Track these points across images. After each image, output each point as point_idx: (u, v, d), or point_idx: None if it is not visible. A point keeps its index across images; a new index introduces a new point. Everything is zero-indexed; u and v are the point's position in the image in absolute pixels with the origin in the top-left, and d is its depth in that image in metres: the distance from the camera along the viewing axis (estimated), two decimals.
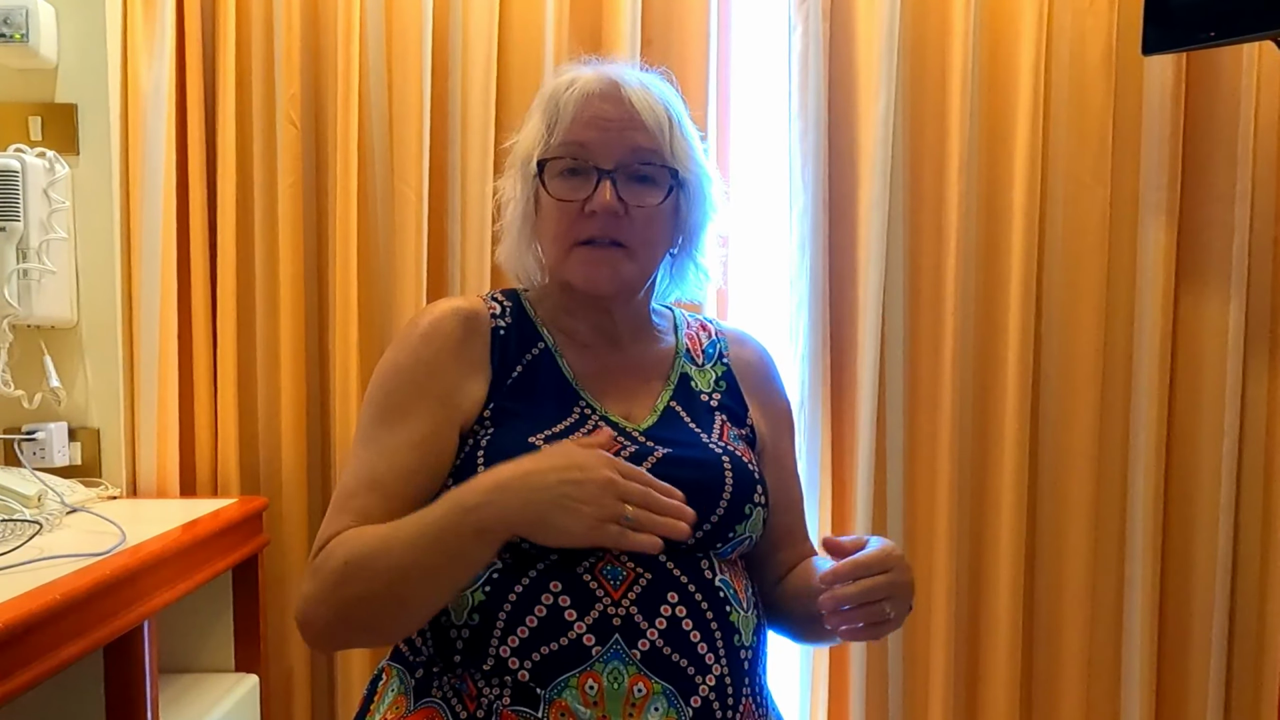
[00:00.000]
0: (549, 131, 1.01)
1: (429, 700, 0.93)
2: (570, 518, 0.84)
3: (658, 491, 0.87)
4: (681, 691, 0.89)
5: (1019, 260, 1.79)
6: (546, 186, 1.01)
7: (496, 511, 0.86)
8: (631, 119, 0.99)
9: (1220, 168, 1.79)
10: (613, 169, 0.98)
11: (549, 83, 1.05)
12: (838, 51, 1.80)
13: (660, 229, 1.03)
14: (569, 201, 0.99)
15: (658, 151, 1.00)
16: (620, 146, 0.99)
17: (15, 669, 1.10)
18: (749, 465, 1.00)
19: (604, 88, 1.00)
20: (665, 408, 1.03)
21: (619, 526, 0.83)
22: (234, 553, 1.69)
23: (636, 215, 0.99)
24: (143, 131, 1.80)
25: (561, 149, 1.00)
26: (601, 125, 0.99)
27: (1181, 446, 1.83)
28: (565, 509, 0.84)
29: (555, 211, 1.01)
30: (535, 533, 0.86)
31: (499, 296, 1.08)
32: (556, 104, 1.01)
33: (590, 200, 0.98)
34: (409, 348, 1.00)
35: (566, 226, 1.00)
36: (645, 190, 1.00)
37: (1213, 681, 1.81)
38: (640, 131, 0.99)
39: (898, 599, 0.89)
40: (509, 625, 0.90)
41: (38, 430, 1.77)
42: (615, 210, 0.98)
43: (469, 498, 0.87)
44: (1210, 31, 1.58)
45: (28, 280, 1.71)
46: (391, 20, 1.82)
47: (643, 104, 0.99)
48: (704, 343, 1.12)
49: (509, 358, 1.01)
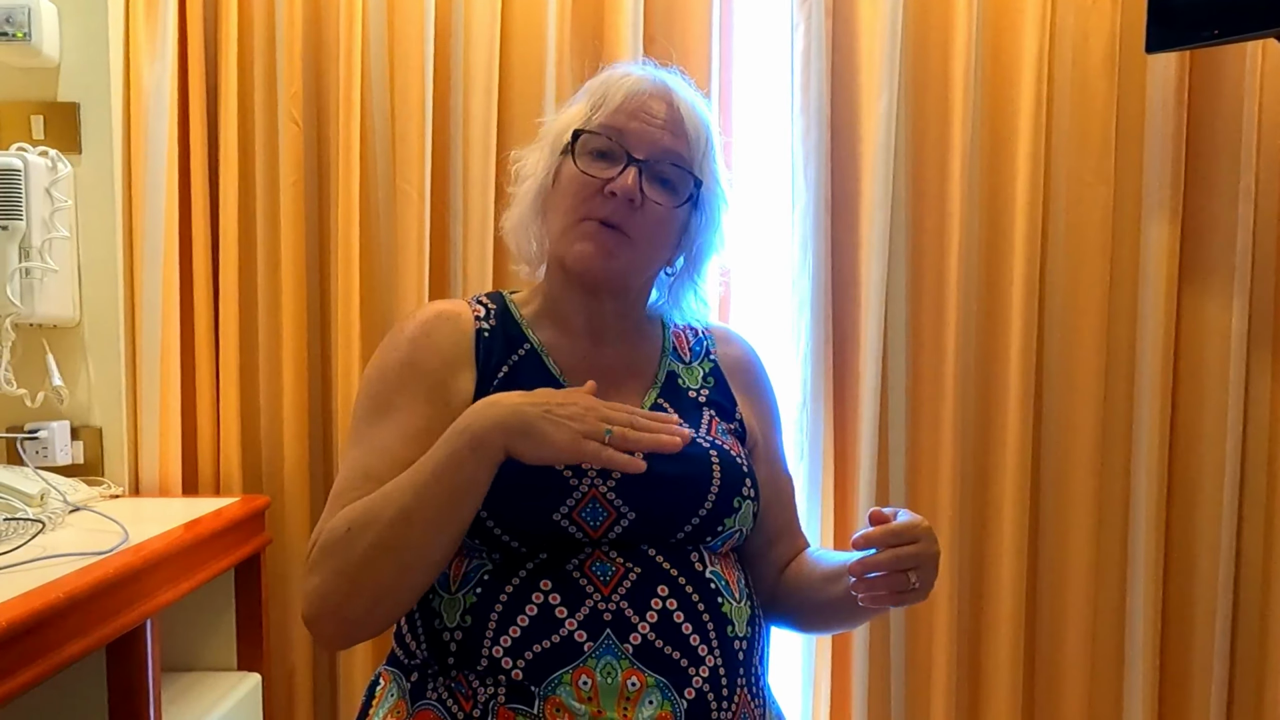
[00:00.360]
0: (592, 110, 1.02)
1: (425, 703, 0.94)
2: (555, 428, 0.85)
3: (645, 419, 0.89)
4: (675, 684, 0.90)
5: (1021, 259, 1.79)
6: (575, 158, 1.01)
7: (487, 422, 0.87)
8: (676, 123, 1.01)
9: (1223, 166, 1.79)
10: (644, 159, 1.00)
11: (604, 71, 1.07)
12: (840, 49, 1.80)
13: (666, 232, 1.04)
14: (592, 177, 1.00)
15: (689, 160, 1.02)
16: (656, 143, 1.00)
17: (18, 667, 1.10)
18: (737, 459, 1.01)
19: (656, 89, 1.03)
20: (652, 405, 1.03)
21: (598, 443, 0.85)
22: (236, 551, 1.69)
23: (649, 210, 1.00)
24: (145, 130, 1.80)
25: (601, 128, 1.01)
26: (646, 119, 1.01)
27: (1184, 446, 1.83)
28: (551, 421, 0.86)
29: (574, 184, 1.01)
30: (521, 442, 0.86)
31: (484, 300, 1.08)
32: (606, 87, 1.03)
33: (614, 181, 0.99)
34: (395, 349, 1.02)
35: (582, 200, 1.00)
36: (665, 192, 1.01)
37: (1215, 680, 1.81)
38: (680, 137, 1.01)
39: (925, 569, 0.89)
40: (501, 625, 0.90)
41: (40, 429, 1.77)
42: (633, 196, 0.98)
43: (460, 422, 0.89)
44: (1214, 30, 1.57)
45: (30, 279, 1.71)
46: (393, 18, 1.82)
47: (689, 113, 1.02)
48: (690, 340, 1.12)
49: (494, 358, 1.01)
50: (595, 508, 0.92)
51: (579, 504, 0.92)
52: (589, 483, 0.93)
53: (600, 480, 0.93)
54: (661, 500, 0.94)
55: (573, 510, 0.92)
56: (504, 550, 0.93)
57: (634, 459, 0.85)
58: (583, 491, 0.92)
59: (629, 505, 0.93)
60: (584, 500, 0.92)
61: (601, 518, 0.92)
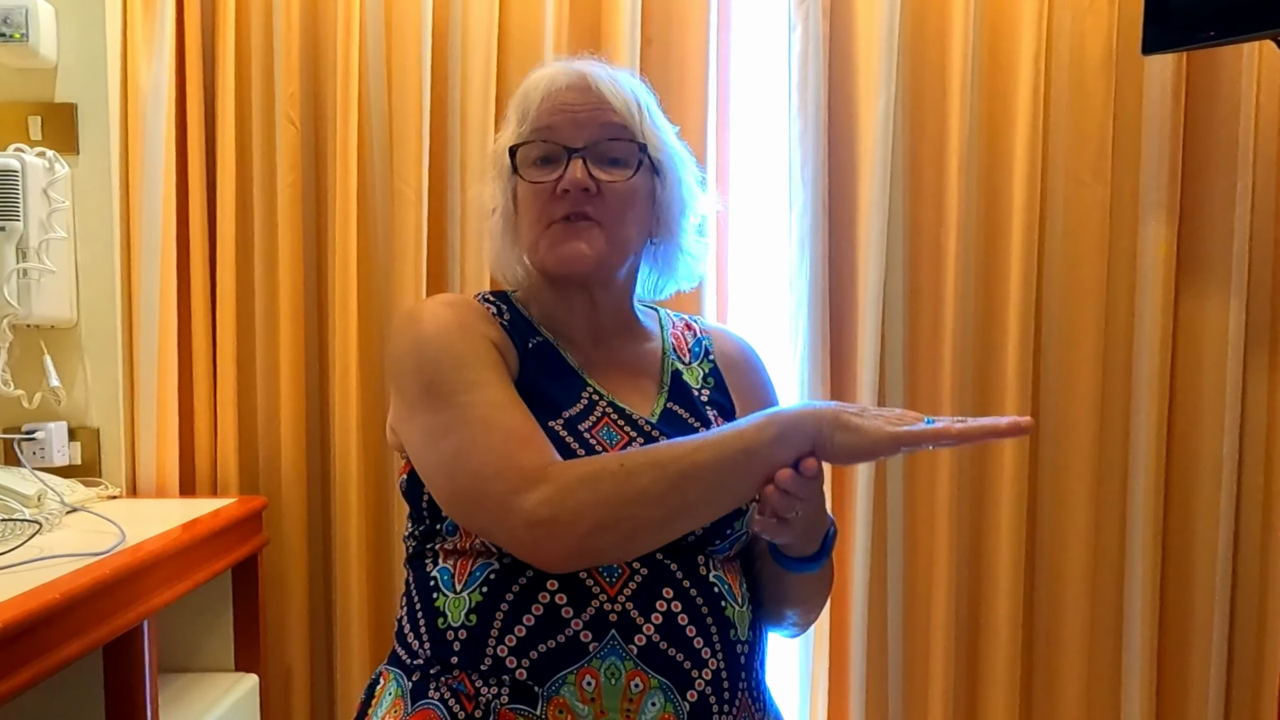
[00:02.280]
0: (520, 123, 1.03)
1: (427, 702, 0.94)
2: (869, 420, 0.83)
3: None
4: (678, 686, 0.90)
5: (1019, 259, 1.79)
6: (520, 173, 1.02)
7: (801, 410, 0.86)
8: (600, 102, 1.00)
9: (1220, 167, 1.79)
10: (582, 147, 0.99)
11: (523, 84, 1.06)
12: (837, 50, 1.80)
13: (634, 208, 1.03)
14: (542, 184, 1.00)
15: (626, 128, 1.01)
16: (588, 126, 1.00)
17: (15, 668, 1.10)
18: None
19: (571, 80, 1.02)
20: (664, 409, 1.03)
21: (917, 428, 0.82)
22: (233, 552, 1.69)
23: (608, 191, 1.00)
24: (142, 131, 1.80)
25: (532, 134, 1.01)
26: (570, 110, 1.00)
27: (1182, 447, 1.83)
28: (865, 416, 0.84)
29: (530, 197, 1.01)
30: (833, 433, 0.83)
31: (490, 297, 1.08)
32: (525, 96, 1.03)
33: (562, 179, 0.99)
34: (442, 321, 0.98)
35: (540, 208, 1.01)
36: (616, 169, 1.01)
37: (1213, 681, 1.81)
38: (609, 111, 1.00)
39: (813, 505, 0.88)
40: (506, 624, 0.90)
41: (37, 430, 1.77)
42: (586, 185, 0.98)
43: (768, 412, 0.87)
44: (1210, 31, 1.57)
45: (27, 280, 1.71)
46: (391, 19, 1.82)
47: (610, 90, 1.01)
48: (689, 341, 1.12)
49: (515, 342, 1.01)
50: None
51: None
52: None
53: None
54: None
55: None
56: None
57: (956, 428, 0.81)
58: None
59: None
60: None
61: None
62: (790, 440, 0.84)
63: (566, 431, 0.95)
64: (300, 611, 1.87)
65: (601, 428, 0.97)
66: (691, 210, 1.09)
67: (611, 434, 0.97)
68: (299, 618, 1.87)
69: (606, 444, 0.96)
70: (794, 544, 0.95)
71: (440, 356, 0.95)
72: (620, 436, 0.97)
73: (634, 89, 1.04)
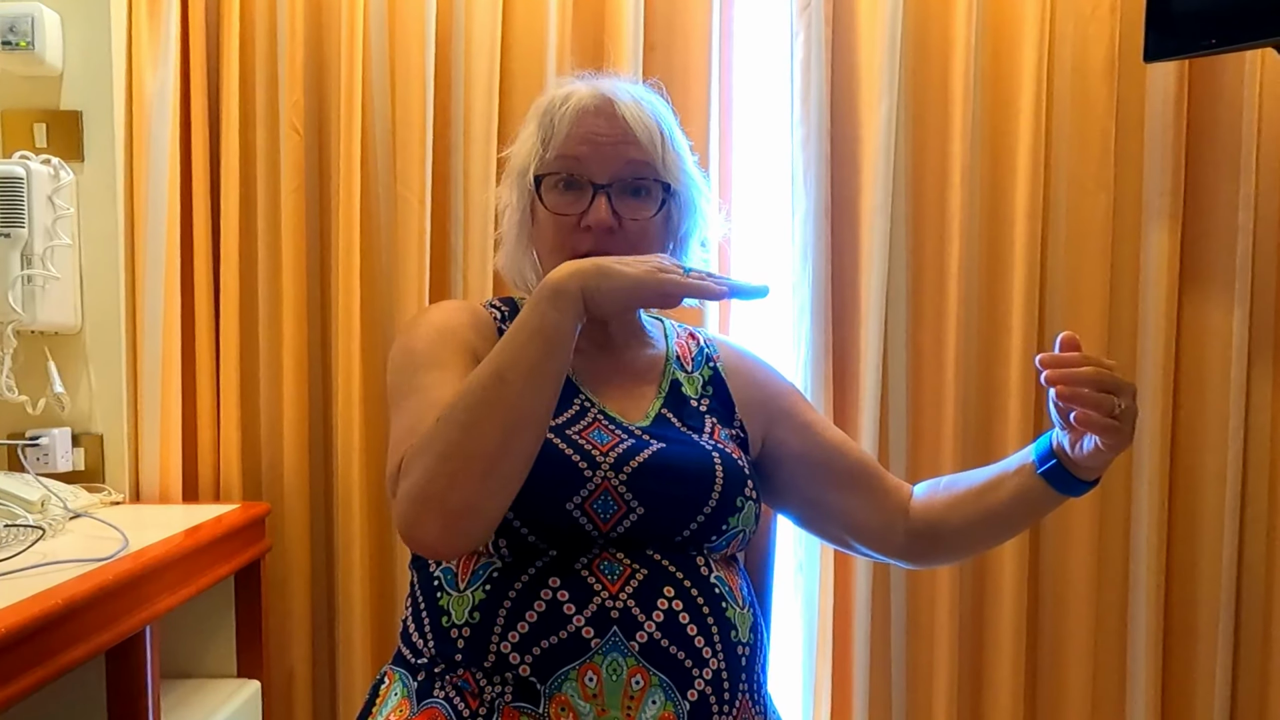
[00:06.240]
0: (544, 146, 1.04)
1: (431, 701, 0.94)
2: (629, 267, 0.89)
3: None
4: (678, 684, 0.91)
5: (1022, 266, 1.79)
6: (543, 200, 1.04)
7: (562, 274, 0.89)
8: (625, 134, 1.02)
9: (1223, 174, 1.79)
10: (607, 183, 1.01)
11: (544, 96, 1.08)
12: (840, 57, 1.81)
13: (653, 241, 1.05)
14: (565, 215, 1.02)
15: (650, 165, 1.03)
16: (614, 161, 1.02)
17: (17, 674, 1.10)
18: (738, 461, 1.03)
19: (598, 104, 1.03)
20: (657, 414, 1.05)
21: (676, 275, 0.88)
22: (236, 558, 1.69)
23: (630, 228, 1.02)
24: (147, 138, 1.80)
25: (557, 164, 1.03)
26: (595, 141, 1.02)
27: (1186, 452, 1.83)
28: (624, 263, 0.90)
29: (551, 224, 1.04)
30: (597, 280, 0.88)
31: (496, 303, 1.11)
32: (551, 119, 1.04)
33: (586, 215, 1.01)
34: (431, 323, 1.03)
35: (563, 239, 1.03)
36: (639, 204, 1.03)
37: (1218, 684, 1.80)
38: (633, 146, 1.02)
39: (1127, 402, 0.87)
40: (509, 621, 0.92)
41: (41, 436, 1.77)
42: (610, 226, 1.01)
43: (538, 288, 0.90)
44: (1212, 39, 1.58)
45: (32, 286, 1.72)
46: (394, 27, 1.82)
47: (635, 119, 1.02)
48: (693, 350, 1.14)
49: None
50: (607, 500, 0.94)
51: (591, 495, 0.94)
52: (602, 475, 0.94)
53: (613, 473, 0.94)
54: (670, 496, 0.96)
55: (585, 501, 0.93)
56: (516, 541, 0.93)
57: (714, 285, 0.87)
58: (595, 483, 0.94)
59: (639, 500, 0.95)
60: (596, 492, 0.94)
61: (612, 511, 0.94)
62: (561, 299, 0.87)
63: (555, 436, 0.96)
64: (303, 617, 1.86)
65: (592, 431, 0.99)
66: (703, 232, 1.12)
67: (602, 435, 0.99)
68: (301, 624, 1.86)
69: (597, 444, 0.97)
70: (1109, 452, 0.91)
71: (404, 361, 1.00)
72: (611, 438, 0.98)
73: (656, 113, 1.05)
